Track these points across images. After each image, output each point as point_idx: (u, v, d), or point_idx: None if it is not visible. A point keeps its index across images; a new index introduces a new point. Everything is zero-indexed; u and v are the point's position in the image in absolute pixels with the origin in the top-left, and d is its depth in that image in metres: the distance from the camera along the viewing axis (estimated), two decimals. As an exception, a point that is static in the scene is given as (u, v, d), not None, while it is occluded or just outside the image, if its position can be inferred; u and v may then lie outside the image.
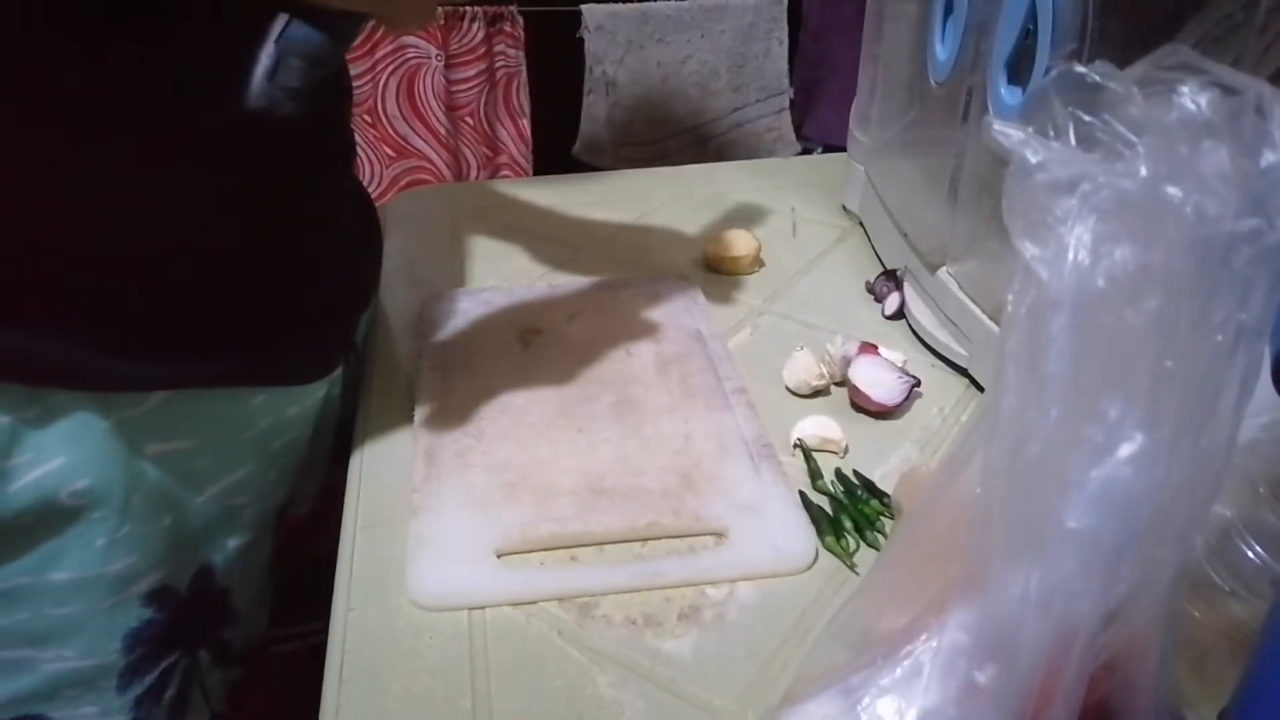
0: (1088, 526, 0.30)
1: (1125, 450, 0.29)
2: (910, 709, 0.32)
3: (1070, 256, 0.29)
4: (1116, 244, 0.29)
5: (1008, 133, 0.29)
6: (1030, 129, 0.29)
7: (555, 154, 1.42)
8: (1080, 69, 0.30)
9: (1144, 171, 0.28)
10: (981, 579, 0.32)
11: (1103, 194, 0.28)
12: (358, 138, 1.34)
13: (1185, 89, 0.28)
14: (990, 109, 0.58)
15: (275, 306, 0.53)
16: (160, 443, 0.49)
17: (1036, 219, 0.29)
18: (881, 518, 0.52)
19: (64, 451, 0.45)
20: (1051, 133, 0.30)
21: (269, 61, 0.39)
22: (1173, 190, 0.28)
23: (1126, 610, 0.32)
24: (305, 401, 0.57)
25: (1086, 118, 0.30)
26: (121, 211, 0.45)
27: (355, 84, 1.29)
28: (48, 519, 0.46)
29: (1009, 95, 0.56)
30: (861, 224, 0.84)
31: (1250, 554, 0.42)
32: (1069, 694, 0.31)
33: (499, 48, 1.35)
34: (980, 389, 0.63)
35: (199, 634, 0.55)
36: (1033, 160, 0.28)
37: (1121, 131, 0.29)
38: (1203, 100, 0.27)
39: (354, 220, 0.64)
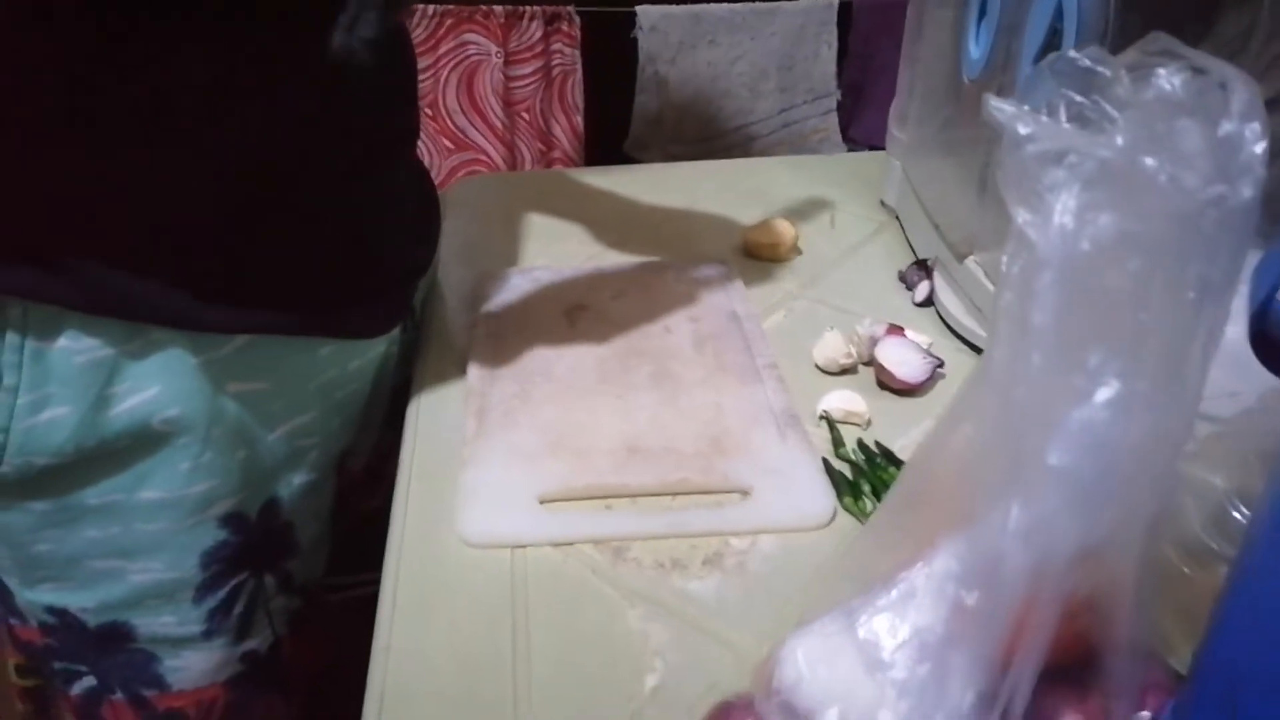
0: (1068, 464, 0.33)
1: (1104, 395, 0.33)
2: (904, 625, 0.36)
3: (1057, 221, 0.32)
4: (1100, 211, 0.32)
5: (1002, 108, 0.32)
6: (1025, 106, 0.33)
7: (607, 150, 1.47)
8: (1073, 54, 0.33)
9: (1123, 144, 0.31)
10: (972, 512, 0.35)
11: (1087, 165, 0.32)
12: (418, 130, 1.40)
13: (1163, 71, 0.31)
14: (1017, 104, 0.61)
15: (345, 268, 0.58)
16: (239, 382, 0.55)
17: (1028, 187, 0.33)
18: (899, 483, 0.56)
19: (158, 382, 0.51)
20: (1046, 111, 0.33)
21: (347, 16, 0.44)
22: (1150, 162, 0.31)
23: (1105, 550, 0.36)
24: (366, 356, 0.63)
25: (1077, 98, 0.33)
26: (218, 175, 0.50)
27: (418, 77, 1.34)
28: (141, 442, 0.52)
29: (1035, 91, 0.59)
30: (897, 217, 0.87)
31: (1242, 519, 0.45)
32: (1046, 619, 0.35)
33: (556, 46, 1.39)
34: (1002, 372, 0.66)
35: (265, 559, 0.61)
36: (1023, 133, 0.32)
37: (1107, 110, 0.32)
38: (1177, 81, 0.31)
39: (417, 196, 0.69)
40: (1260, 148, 0.29)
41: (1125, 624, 0.37)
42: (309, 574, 0.66)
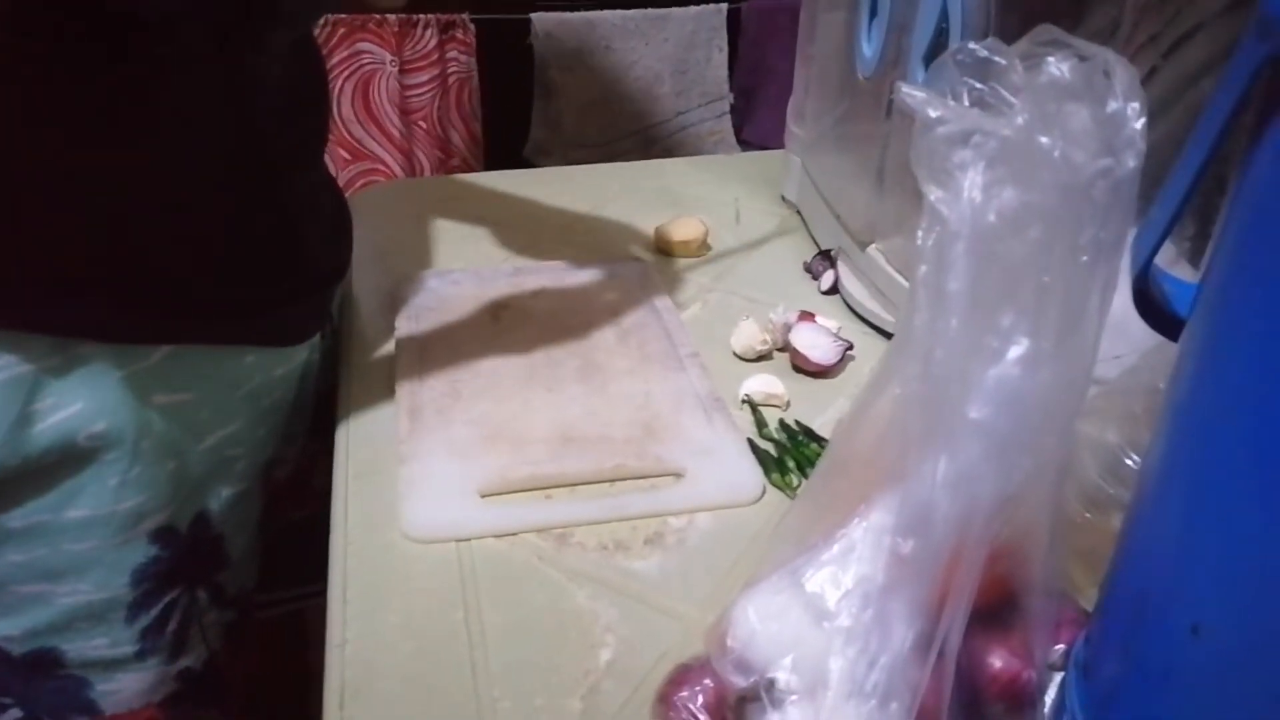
0: (986, 417, 0.36)
1: (1015, 352, 0.36)
2: (846, 576, 0.38)
3: (966, 196, 0.36)
4: (1003, 186, 0.36)
5: (914, 94, 0.35)
6: (933, 92, 0.36)
7: (506, 156, 1.48)
8: (973, 45, 0.37)
9: (1021, 125, 0.34)
10: (900, 469, 0.38)
11: (990, 144, 0.35)
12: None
13: (1052, 59, 0.35)
14: (910, 98, 0.65)
15: (267, 273, 0.58)
16: (165, 394, 0.54)
17: (938, 166, 0.36)
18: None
19: (82, 397, 0.50)
20: (950, 97, 0.36)
21: None
22: (1045, 140, 0.35)
23: (1021, 497, 0.39)
24: (290, 363, 0.63)
25: (978, 84, 0.36)
26: (137, 186, 0.50)
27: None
28: (67, 459, 0.51)
29: (926, 85, 0.64)
30: (799, 211, 0.91)
31: (1134, 465, 0.49)
32: (973, 563, 0.38)
33: (451, 54, 1.40)
34: (907, 351, 0.70)
35: (197, 573, 0.60)
36: (933, 115, 0.35)
37: (1004, 95, 0.36)
38: (1065, 67, 0.34)
39: (330, 200, 0.69)
40: (1141, 123, 0.33)
41: (1040, 567, 0.40)
42: (240, 585, 0.65)
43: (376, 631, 0.47)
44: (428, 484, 0.55)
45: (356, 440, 0.60)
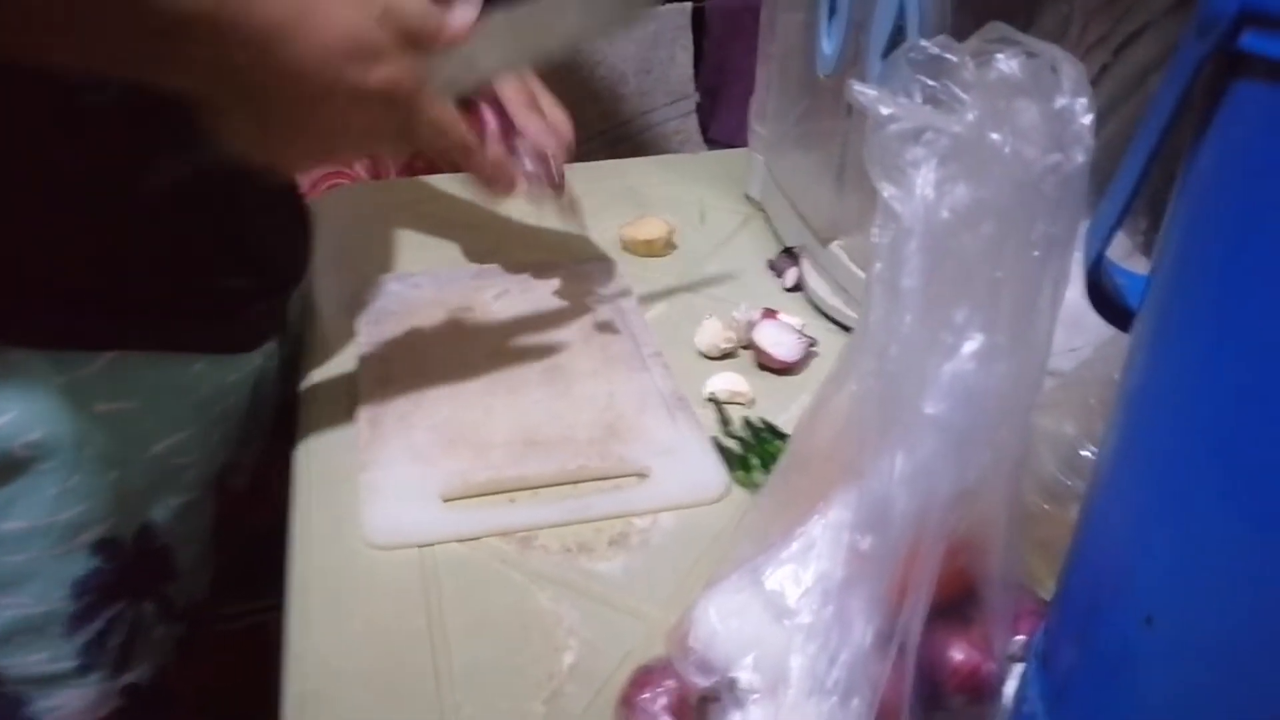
0: (942, 413, 0.37)
1: (969, 347, 0.36)
2: (806, 574, 0.38)
3: (919, 193, 0.36)
4: (956, 182, 0.36)
5: (865, 91, 0.35)
6: (885, 90, 0.36)
7: (471, 158, 1.47)
8: (925, 43, 0.37)
9: (971, 121, 0.35)
10: (858, 465, 0.38)
11: (942, 141, 0.35)
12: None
13: (1001, 56, 0.35)
14: (868, 95, 0.65)
15: (215, 278, 0.57)
16: (107, 402, 0.53)
17: (891, 163, 0.36)
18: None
19: (17, 405, 0.49)
20: (902, 94, 0.37)
21: None
22: (995, 136, 0.35)
23: (978, 490, 0.39)
24: (242, 370, 0.61)
25: (929, 81, 0.37)
26: (80, 192, 0.49)
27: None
28: (3, 469, 0.50)
29: (884, 83, 0.64)
30: (763, 209, 0.91)
31: (1091, 456, 0.50)
32: (931, 558, 0.38)
33: (414, 55, 1.39)
34: (870, 348, 0.71)
35: (142, 586, 0.58)
36: (885, 113, 0.35)
37: (955, 91, 0.36)
38: (1014, 64, 0.35)
39: (286, 203, 0.68)
40: (1089, 119, 0.33)
41: (998, 560, 0.41)
42: (190, 597, 0.63)
43: (338, 639, 0.47)
44: (389, 490, 0.55)
45: (316, 447, 0.60)
